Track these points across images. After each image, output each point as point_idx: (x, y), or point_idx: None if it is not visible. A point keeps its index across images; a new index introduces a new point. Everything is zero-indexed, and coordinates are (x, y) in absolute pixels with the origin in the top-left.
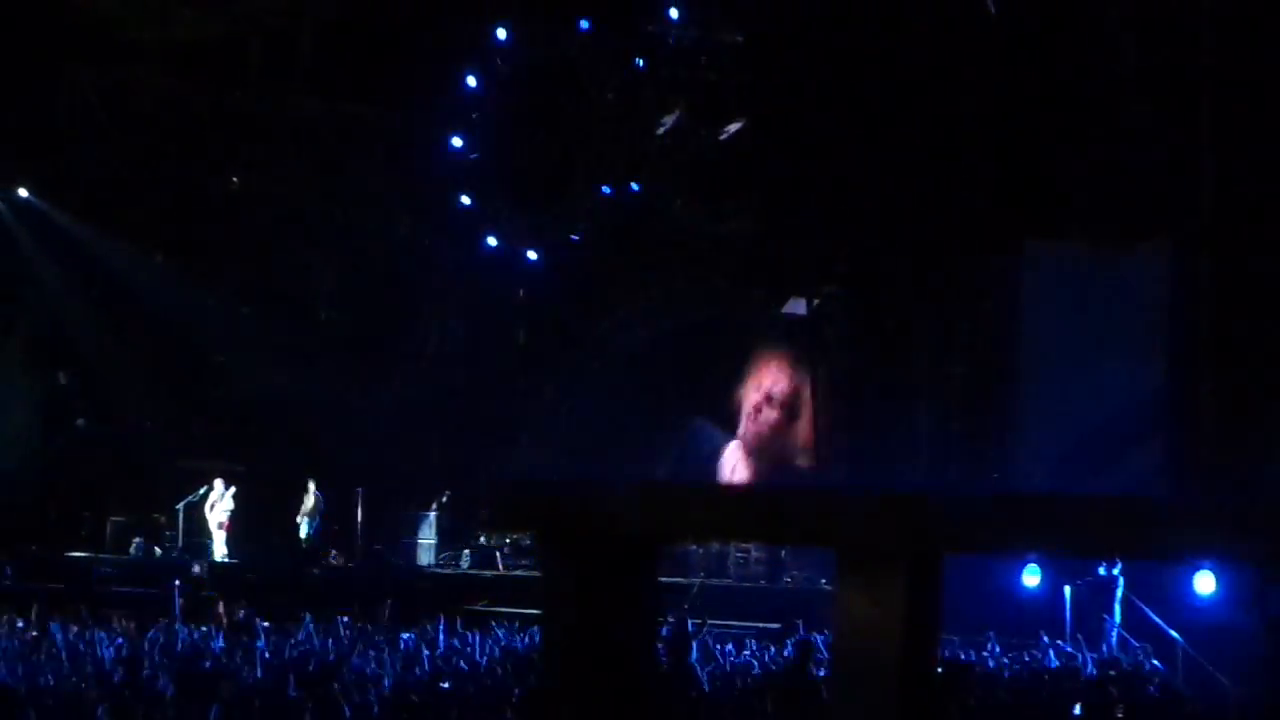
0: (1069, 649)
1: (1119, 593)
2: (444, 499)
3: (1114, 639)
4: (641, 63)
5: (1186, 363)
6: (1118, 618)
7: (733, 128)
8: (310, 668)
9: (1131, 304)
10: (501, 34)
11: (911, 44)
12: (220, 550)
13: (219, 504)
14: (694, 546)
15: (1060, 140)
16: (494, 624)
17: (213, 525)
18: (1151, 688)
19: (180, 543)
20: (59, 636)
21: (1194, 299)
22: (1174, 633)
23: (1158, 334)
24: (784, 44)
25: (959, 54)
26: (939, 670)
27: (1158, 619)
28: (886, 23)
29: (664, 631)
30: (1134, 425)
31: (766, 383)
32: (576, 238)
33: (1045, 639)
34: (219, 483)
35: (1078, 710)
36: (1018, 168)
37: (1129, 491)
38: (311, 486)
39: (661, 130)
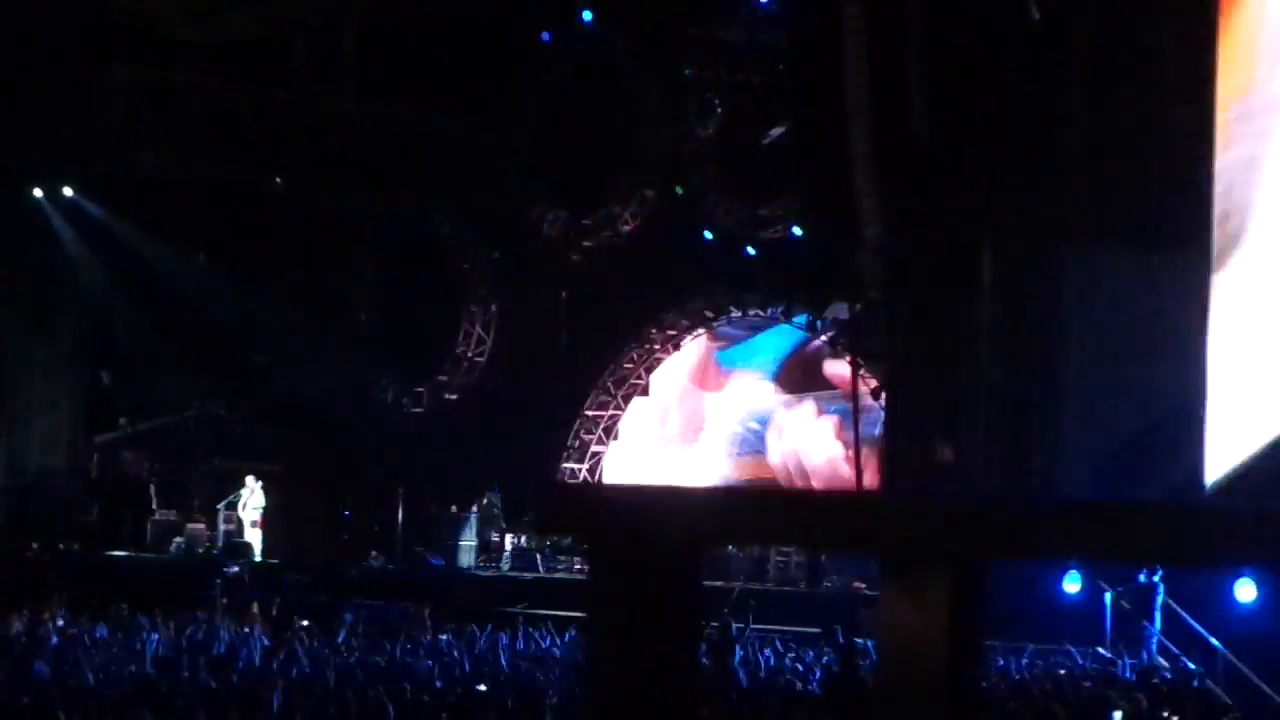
0: (1109, 655)
1: (1159, 599)
2: (484, 500)
3: (1154, 646)
4: (684, 67)
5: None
6: (1158, 625)
7: (775, 132)
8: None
9: (1172, 308)
10: (546, 37)
11: (954, 48)
12: (257, 549)
13: (250, 501)
14: (735, 550)
15: (1102, 144)
16: (530, 628)
17: (247, 524)
18: (1191, 696)
19: (220, 542)
20: (101, 634)
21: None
22: (1215, 640)
23: (1199, 338)
24: (826, 47)
25: (1002, 58)
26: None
27: (1199, 626)
28: (929, 25)
29: (708, 634)
30: (1176, 431)
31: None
32: (619, 239)
33: (1074, 650)
34: (250, 480)
35: (1117, 716)
36: (1059, 172)
37: (1170, 498)
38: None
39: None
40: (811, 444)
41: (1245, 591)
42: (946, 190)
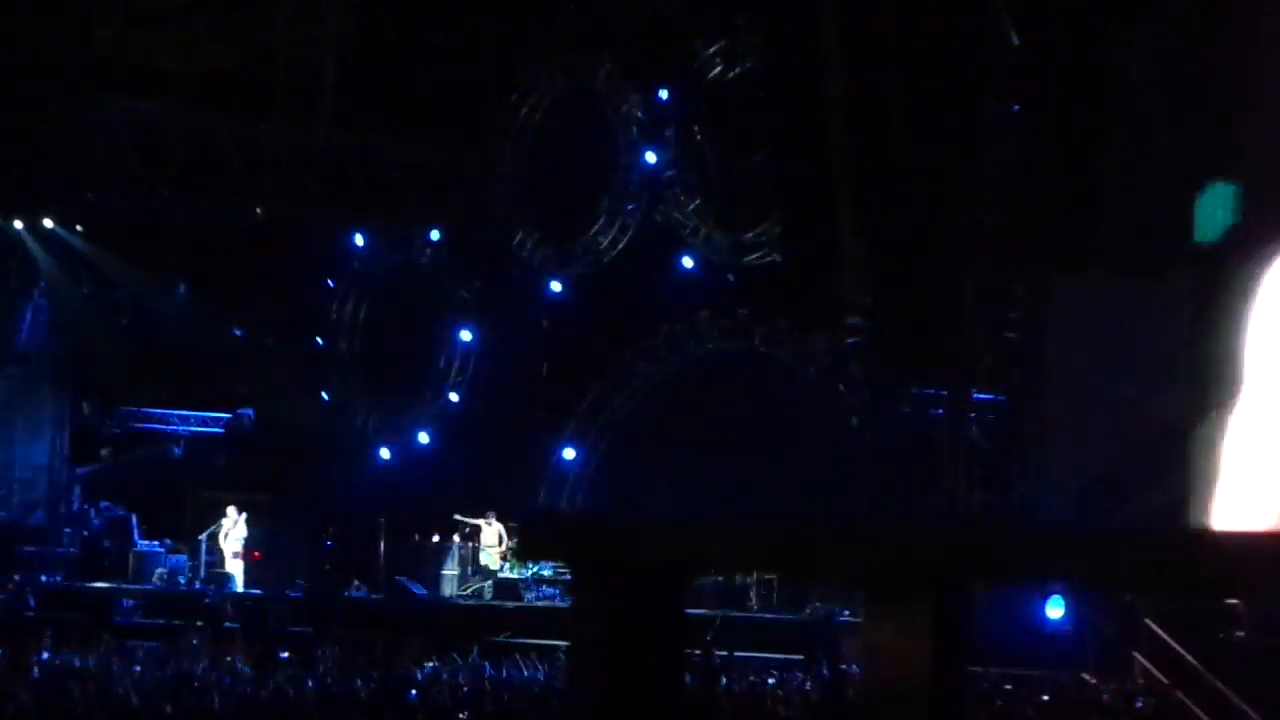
0: (1092, 681)
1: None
2: (466, 530)
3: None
4: (665, 94)
5: (1212, 392)
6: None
7: (754, 159)
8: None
9: (1156, 333)
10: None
11: (934, 74)
12: (239, 580)
13: (232, 532)
14: (717, 577)
15: (1084, 168)
16: (518, 656)
17: (228, 555)
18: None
19: (202, 573)
20: (84, 665)
21: (1219, 327)
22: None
23: (1183, 363)
24: (806, 75)
25: (981, 82)
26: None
27: (1183, 651)
28: (909, 52)
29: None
30: (1159, 455)
31: None
32: (599, 267)
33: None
34: (232, 510)
35: None
36: (1041, 196)
37: (1154, 523)
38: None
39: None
40: None
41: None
42: (927, 216)
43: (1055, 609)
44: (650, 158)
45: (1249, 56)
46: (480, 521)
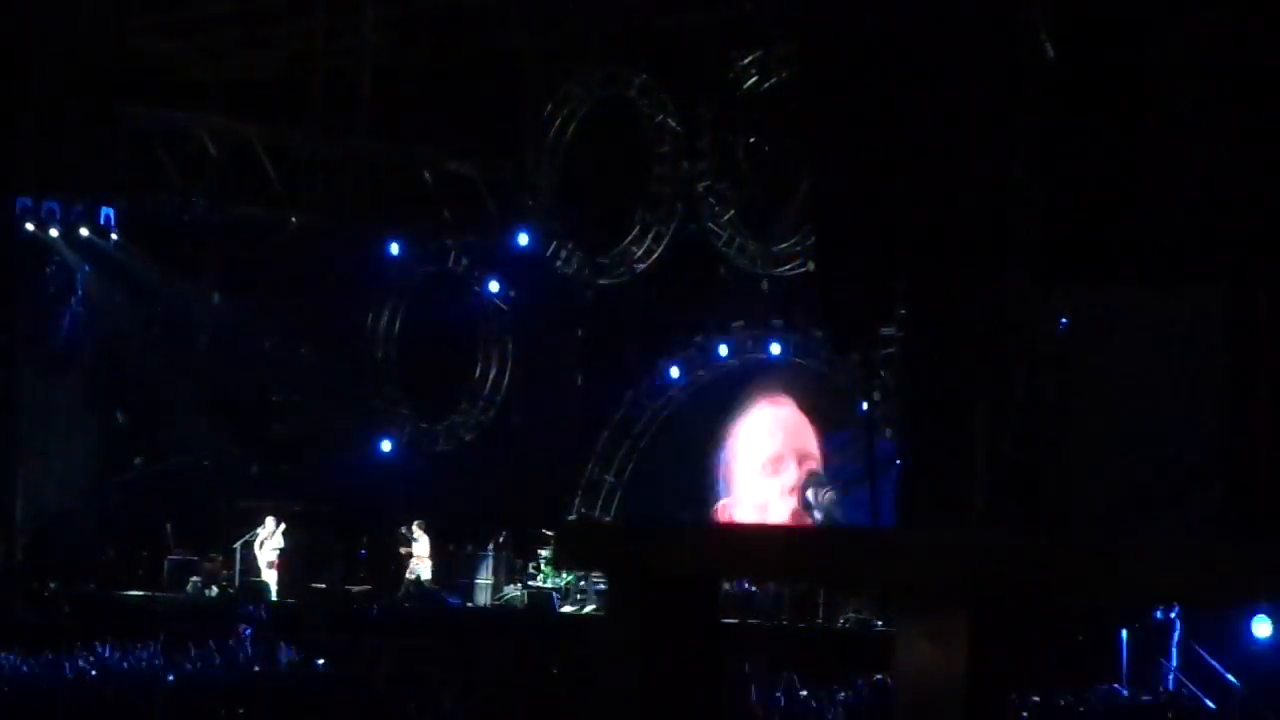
0: (1124, 692)
1: (1176, 636)
2: (501, 538)
3: (1170, 682)
4: (700, 105)
5: (1242, 406)
6: (1174, 661)
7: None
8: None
9: (1186, 347)
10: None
11: (968, 87)
12: (274, 589)
13: (269, 542)
14: (752, 587)
15: (1115, 181)
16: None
17: (263, 564)
18: None
19: (237, 582)
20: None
21: (1250, 341)
22: (1231, 677)
23: (1213, 377)
24: (842, 86)
25: (1016, 96)
26: None
27: (1216, 663)
28: (943, 66)
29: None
30: (1188, 470)
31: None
32: (634, 277)
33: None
34: (270, 520)
35: None
36: (1079, 209)
37: (1184, 537)
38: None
39: None
40: None
41: (1262, 629)
42: (962, 228)
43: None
44: (685, 168)
45: None
46: (413, 531)
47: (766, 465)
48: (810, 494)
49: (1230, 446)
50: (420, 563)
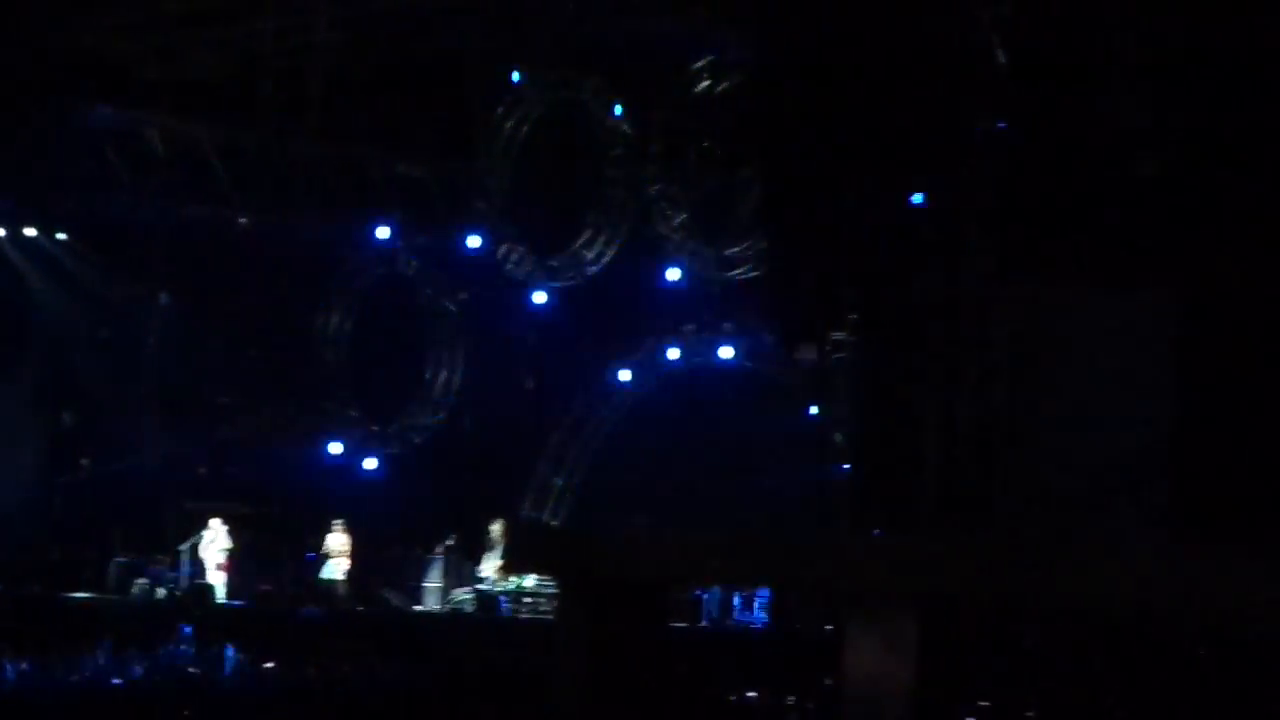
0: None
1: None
2: (451, 542)
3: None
4: (652, 109)
5: (1191, 406)
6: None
7: (741, 174)
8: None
9: (1135, 347)
10: (515, 78)
11: (920, 91)
12: (220, 591)
13: (216, 543)
14: (703, 592)
15: (1068, 180)
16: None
17: (210, 566)
18: None
19: (183, 585)
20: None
21: (1201, 340)
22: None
23: (1164, 376)
24: (794, 91)
25: (967, 99)
26: None
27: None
28: (895, 70)
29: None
30: (1138, 468)
31: None
32: (585, 280)
33: None
34: (215, 522)
35: None
36: (1027, 211)
37: (1132, 535)
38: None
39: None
40: None
41: None
42: (914, 232)
43: None
44: (636, 172)
45: (1238, 69)
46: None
47: None
48: None
49: (1177, 446)
50: (337, 562)
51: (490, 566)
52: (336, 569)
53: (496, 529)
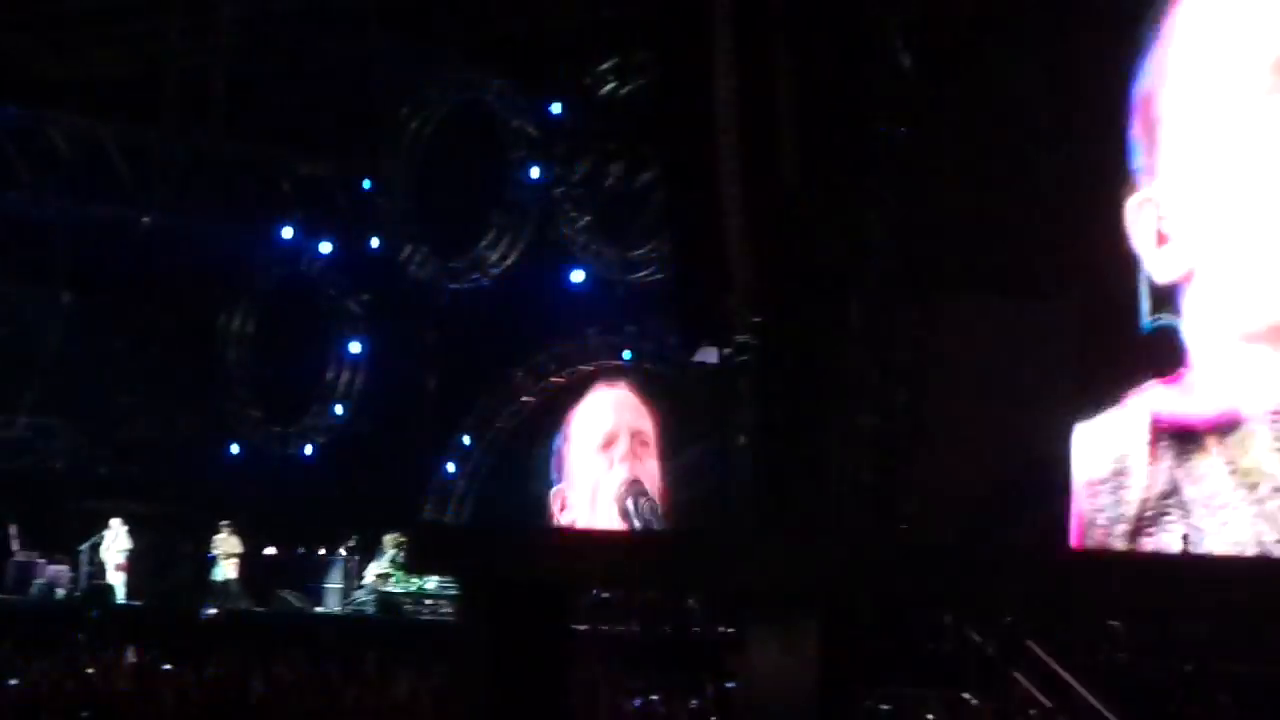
0: (974, 702)
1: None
2: (351, 543)
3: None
4: (557, 110)
5: (1093, 416)
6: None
7: (645, 177)
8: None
9: (1041, 355)
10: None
11: (826, 96)
12: (120, 592)
13: (115, 544)
14: (603, 594)
15: (973, 191)
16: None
17: (111, 566)
18: None
19: (82, 585)
20: None
21: (1100, 353)
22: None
23: (1067, 388)
24: (697, 94)
25: (872, 104)
26: None
27: (1063, 671)
28: (801, 73)
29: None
30: (1043, 479)
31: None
32: (488, 282)
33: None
34: (115, 522)
35: None
36: (930, 219)
37: (1038, 545)
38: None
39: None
40: None
41: None
42: (817, 235)
43: None
44: (540, 173)
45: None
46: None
47: (599, 442)
48: (630, 503)
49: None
50: (227, 564)
51: (373, 570)
52: (227, 570)
53: (389, 538)
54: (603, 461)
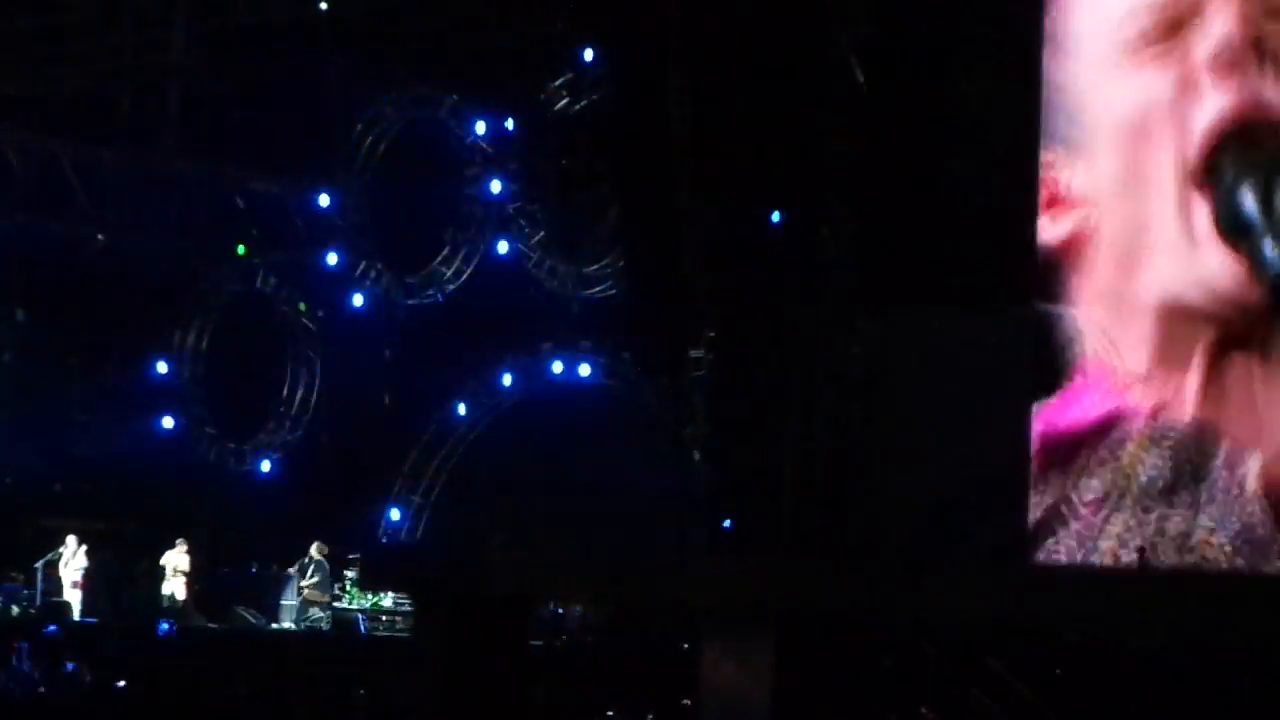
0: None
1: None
2: (307, 559)
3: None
4: (510, 126)
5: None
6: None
7: (599, 192)
8: None
9: (998, 370)
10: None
11: (779, 111)
12: (77, 609)
13: (72, 562)
14: (558, 609)
15: (927, 204)
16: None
17: (67, 584)
18: None
19: (38, 602)
20: None
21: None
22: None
23: (1022, 398)
24: (651, 108)
25: (827, 122)
26: None
27: (1021, 686)
28: (755, 89)
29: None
30: (999, 492)
31: None
32: (443, 298)
33: None
34: (72, 539)
35: None
36: (883, 232)
37: (994, 557)
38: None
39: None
40: None
41: None
42: (770, 251)
43: None
44: (495, 189)
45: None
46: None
47: None
48: None
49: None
50: (174, 581)
51: (308, 584)
52: (176, 586)
53: (314, 549)
54: None
